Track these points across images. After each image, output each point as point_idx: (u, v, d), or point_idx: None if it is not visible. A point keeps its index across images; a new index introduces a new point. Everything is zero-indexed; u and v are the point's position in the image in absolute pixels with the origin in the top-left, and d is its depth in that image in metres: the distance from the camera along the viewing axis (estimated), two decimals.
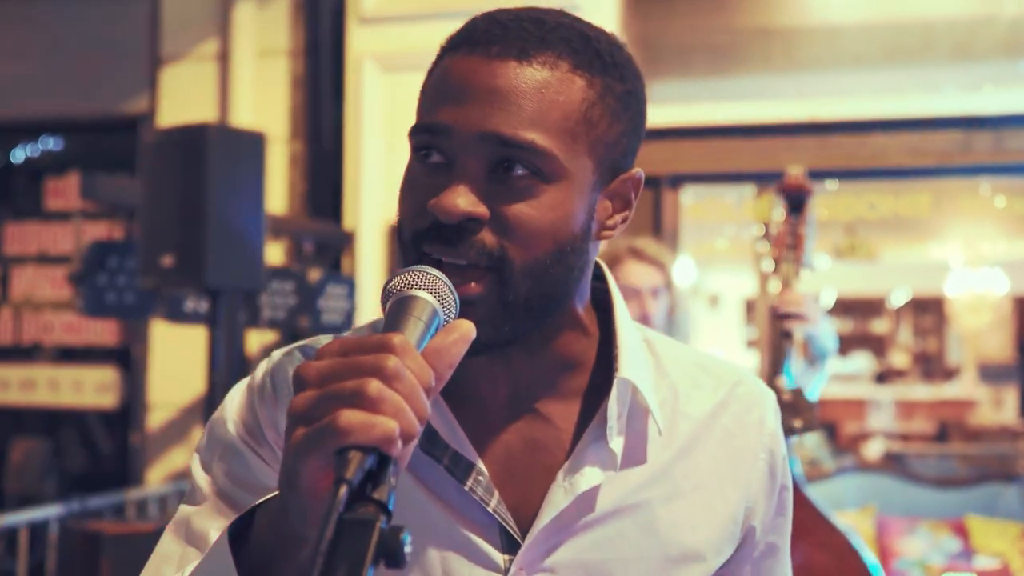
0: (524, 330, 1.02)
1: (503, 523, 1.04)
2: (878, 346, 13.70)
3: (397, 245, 1.05)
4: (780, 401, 2.66)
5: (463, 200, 0.97)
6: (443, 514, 1.04)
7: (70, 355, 5.65)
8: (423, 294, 0.90)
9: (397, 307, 0.90)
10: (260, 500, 0.94)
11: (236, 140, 3.40)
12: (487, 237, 0.98)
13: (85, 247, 3.46)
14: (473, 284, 0.98)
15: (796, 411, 2.48)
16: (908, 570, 4.79)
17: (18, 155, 5.94)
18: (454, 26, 1.06)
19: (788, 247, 2.92)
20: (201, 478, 1.09)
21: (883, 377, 13.19)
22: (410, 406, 0.81)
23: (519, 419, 1.08)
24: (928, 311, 13.86)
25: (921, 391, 12.13)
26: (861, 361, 13.00)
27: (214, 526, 1.04)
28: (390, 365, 0.80)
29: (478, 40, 1.00)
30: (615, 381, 1.06)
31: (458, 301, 0.93)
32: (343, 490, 0.76)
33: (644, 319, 2.97)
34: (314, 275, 4.29)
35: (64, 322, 5.64)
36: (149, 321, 4.95)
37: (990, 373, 12.35)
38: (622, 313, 1.12)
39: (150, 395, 5.17)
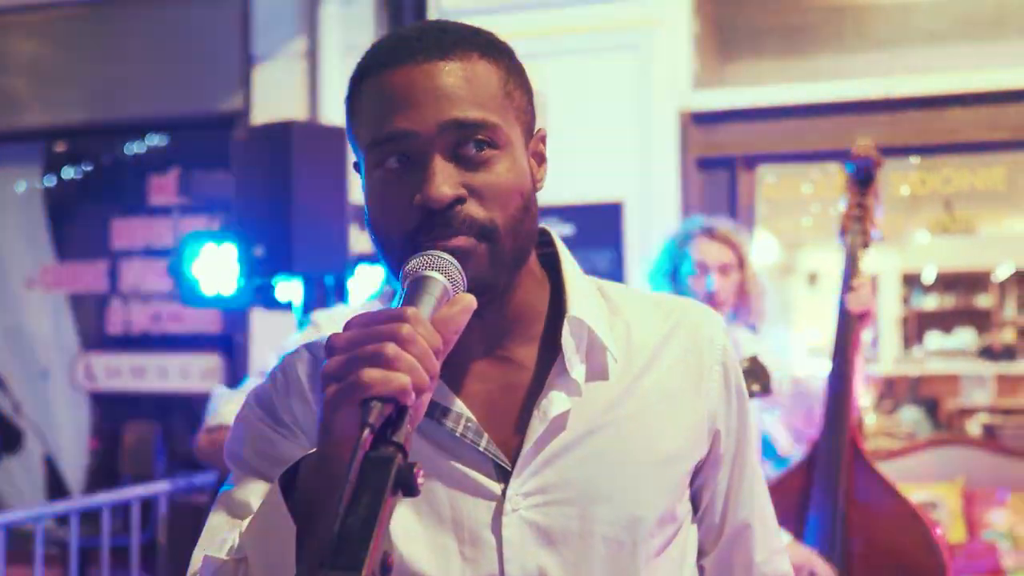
0: (507, 280, 1.19)
1: (494, 458, 1.20)
2: (983, 321, 13.36)
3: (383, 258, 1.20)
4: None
5: (446, 185, 1.13)
6: (443, 458, 1.20)
7: (176, 343, 5.95)
8: (434, 274, 1.08)
9: (413, 285, 1.08)
10: (303, 455, 1.10)
11: (319, 135, 3.60)
12: (475, 211, 1.14)
13: (181, 239, 3.70)
14: (472, 259, 1.14)
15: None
16: (996, 540, 4.79)
17: (123, 153, 6.25)
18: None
19: (855, 219, 3.00)
20: (235, 464, 1.28)
21: (989, 352, 12.86)
22: (422, 364, 0.98)
23: (495, 367, 1.24)
24: None
25: None
26: (965, 336, 12.72)
27: (253, 495, 1.21)
28: (404, 331, 0.98)
29: (400, 55, 1.17)
30: (566, 319, 1.22)
31: (465, 278, 1.10)
32: (367, 433, 0.93)
33: (710, 298, 3.03)
34: None
35: (170, 312, 5.94)
36: (249, 309, 5.20)
37: None
38: (569, 267, 1.29)
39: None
